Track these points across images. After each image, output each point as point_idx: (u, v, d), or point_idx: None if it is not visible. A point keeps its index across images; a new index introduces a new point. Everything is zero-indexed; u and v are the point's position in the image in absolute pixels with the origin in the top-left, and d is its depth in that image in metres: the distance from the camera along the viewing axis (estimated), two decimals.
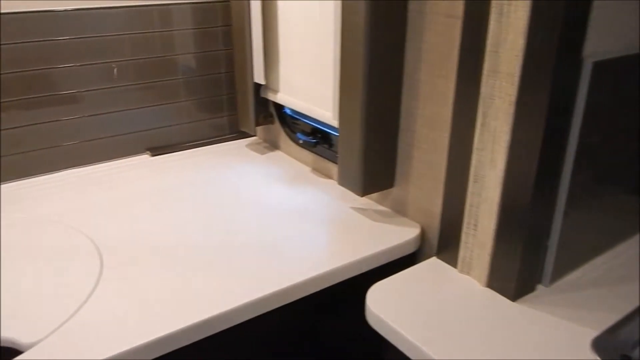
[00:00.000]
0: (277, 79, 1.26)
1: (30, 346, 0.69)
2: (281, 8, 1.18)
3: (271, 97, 1.30)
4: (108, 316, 0.76)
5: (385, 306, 0.78)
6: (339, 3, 0.93)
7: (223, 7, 1.33)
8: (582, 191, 0.79)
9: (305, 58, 1.15)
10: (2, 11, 1.08)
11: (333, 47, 1.00)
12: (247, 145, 1.42)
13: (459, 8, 0.81)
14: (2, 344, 0.71)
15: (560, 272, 0.84)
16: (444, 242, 0.88)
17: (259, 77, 1.27)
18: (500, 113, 0.73)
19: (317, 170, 1.26)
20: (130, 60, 1.26)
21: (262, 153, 1.37)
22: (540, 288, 0.82)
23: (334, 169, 1.21)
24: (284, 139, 1.36)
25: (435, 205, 0.96)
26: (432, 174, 0.95)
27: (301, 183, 1.20)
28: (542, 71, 0.68)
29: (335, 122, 1.05)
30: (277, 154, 1.37)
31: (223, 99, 1.42)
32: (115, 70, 1.24)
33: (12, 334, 0.71)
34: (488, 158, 0.77)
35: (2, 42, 1.10)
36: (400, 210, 1.05)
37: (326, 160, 1.22)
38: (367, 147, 0.97)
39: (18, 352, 0.69)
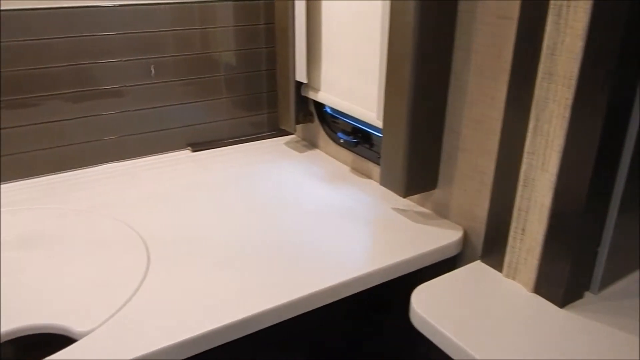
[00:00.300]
0: (319, 77, 1.27)
1: (83, 335, 0.71)
2: (325, 7, 1.18)
3: (312, 95, 1.30)
4: (157, 308, 0.77)
5: (431, 308, 0.78)
6: (388, 3, 0.93)
7: (266, 5, 1.34)
8: (635, 197, 0.77)
9: (349, 57, 1.15)
10: (51, 5, 1.11)
11: (380, 47, 0.99)
12: (286, 143, 1.43)
13: (513, 9, 0.80)
14: (55, 332, 0.72)
15: (609, 279, 0.82)
16: (489, 245, 0.88)
17: (300, 76, 1.27)
18: (554, 117, 0.72)
19: (356, 169, 1.26)
20: (173, 56, 1.27)
21: (301, 151, 1.38)
22: (588, 295, 0.81)
23: (374, 169, 1.20)
24: (322, 137, 1.37)
25: (480, 208, 0.95)
26: (478, 176, 0.94)
27: (341, 182, 1.20)
28: (601, 75, 0.67)
29: (379, 123, 1.05)
30: (316, 152, 1.37)
31: (263, 97, 1.43)
32: (152, 67, 1.25)
33: (66, 323, 0.73)
34: (540, 162, 0.75)
35: (50, 37, 1.13)
36: (442, 213, 1.04)
37: (366, 160, 1.22)
38: (411, 148, 0.97)
39: (71, 340, 0.71)
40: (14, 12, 1.08)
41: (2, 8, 1.06)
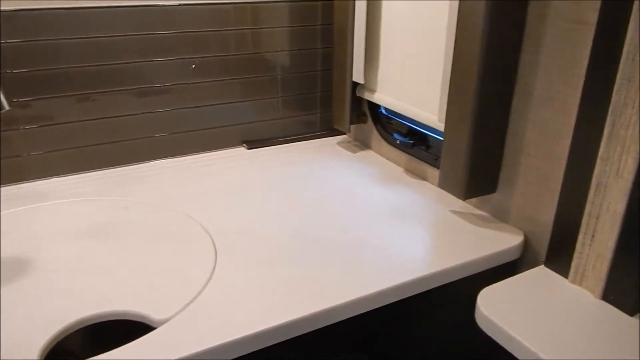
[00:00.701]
0: (376, 78, 1.28)
1: (161, 323, 0.73)
2: (386, 7, 1.19)
3: (368, 96, 1.31)
4: (229, 300, 0.79)
5: (497, 310, 0.78)
6: (456, 3, 0.93)
7: (324, 6, 1.36)
8: None
9: (409, 58, 1.16)
10: (112, 4, 1.14)
11: (444, 48, 1.00)
12: (338, 143, 1.44)
13: (589, 14, 0.79)
14: (134, 319, 0.75)
15: None
16: (555, 251, 0.87)
17: (358, 77, 1.28)
18: (632, 123, 0.71)
19: (410, 171, 1.27)
20: (231, 55, 1.30)
21: (354, 152, 1.39)
22: None
23: (428, 170, 1.21)
24: (375, 138, 1.37)
25: (543, 213, 0.94)
26: (542, 181, 0.93)
27: (396, 183, 1.21)
28: None
29: (440, 125, 1.05)
30: (368, 153, 1.38)
31: (317, 97, 1.45)
32: (193, 66, 1.27)
33: (144, 311, 0.75)
34: (614, 168, 0.75)
35: (115, 34, 1.16)
36: (500, 216, 1.04)
37: (420, 162, 1.23)
38: (473, 151, 0.97)
39: (149, 328, 0.74)
40: (83, 10, 1.12)
41: (73, 6, 1.10)
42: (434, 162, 1.18)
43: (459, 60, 0.95)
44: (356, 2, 1.22)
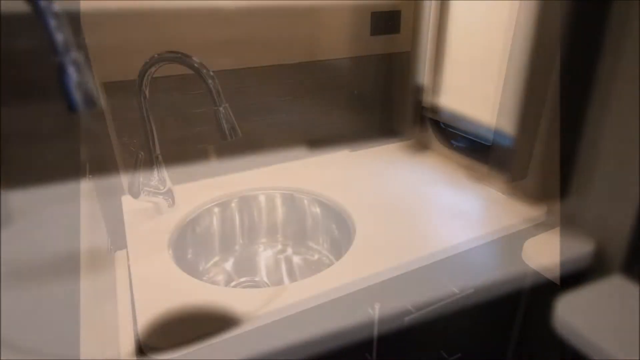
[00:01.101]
0: (440, 82, 1.28)
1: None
2: (453, 11, 1.19)
3: (431, 100, 1.31)
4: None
5: (578, 317, 0.78)
6: (527, 4, 0.93)
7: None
8: None
9: (476, 63, 1.16)
10: (182, 6, 1.17)
11: (518, 55, 0.99)
12: (399, 146, 1.45)
13: None
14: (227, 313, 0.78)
15: None
16: (633, 259, 0.86)
17: (421, 80, 1.29)
18: None
19: (472, 175, 1.27)
20: (294, 56, 1.32)
21: (415, 154, 1.39)
22: None
23: (491, 175, 1.20)
24: (436, 142, 1.38)
25: (617, 221, 0.93)
26: (618, 189, 0.92)
27: (458, 187, 1.21)
28: None
29: (509, 130, 1.05)
30: (429, 156, 1.39)
31: (377, 100, 1.46)
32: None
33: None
34: None
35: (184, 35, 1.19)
36: (570, 224, 1.03)
37: (482, 166, 1.22)
38: (544, 158, 0.97)
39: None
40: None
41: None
42: (497, 167, 1.17)
43: (533, 66, 0.95)
44: (424, 3, 1.23)
